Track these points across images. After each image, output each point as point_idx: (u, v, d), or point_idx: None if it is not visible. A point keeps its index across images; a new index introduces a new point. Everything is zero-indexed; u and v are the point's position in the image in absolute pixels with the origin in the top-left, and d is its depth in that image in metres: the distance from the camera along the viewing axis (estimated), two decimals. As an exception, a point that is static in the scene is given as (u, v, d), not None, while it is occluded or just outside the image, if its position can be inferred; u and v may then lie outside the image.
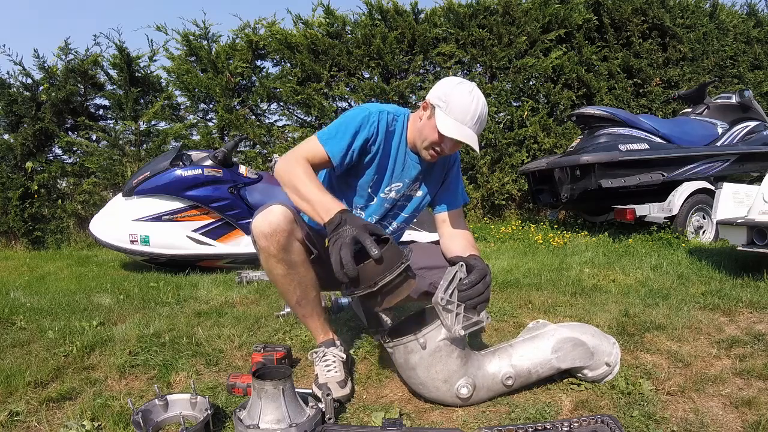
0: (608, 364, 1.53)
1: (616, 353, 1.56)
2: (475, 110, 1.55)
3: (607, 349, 1.54)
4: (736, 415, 1.37)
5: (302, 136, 5.59)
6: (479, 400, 1.48)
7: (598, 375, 1.53)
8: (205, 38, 5.69)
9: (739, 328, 2.00)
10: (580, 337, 1.52)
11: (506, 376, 1.47)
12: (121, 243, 3.50)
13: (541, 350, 1.50)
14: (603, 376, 1.54)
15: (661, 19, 6.31)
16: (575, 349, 1.51)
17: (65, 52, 5.43)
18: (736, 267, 2.89)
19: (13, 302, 2.69)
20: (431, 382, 1.44)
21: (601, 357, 1.52)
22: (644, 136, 4.30)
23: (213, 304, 2.59)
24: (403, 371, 1.50)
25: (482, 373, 1.47)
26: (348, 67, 5.64)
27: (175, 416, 1.42)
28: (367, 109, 1.60)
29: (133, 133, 5.57)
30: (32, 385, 1.65)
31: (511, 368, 1.48)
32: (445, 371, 1.42)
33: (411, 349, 1.43)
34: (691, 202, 4.18)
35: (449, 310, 1.39)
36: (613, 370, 1.55)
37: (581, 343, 1.51)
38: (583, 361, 1.51)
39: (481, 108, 1.56)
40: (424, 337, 1.41)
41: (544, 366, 1.50)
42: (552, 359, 1.49)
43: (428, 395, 1.47)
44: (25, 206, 5.33)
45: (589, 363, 1.52)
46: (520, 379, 1.49)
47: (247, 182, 3.65)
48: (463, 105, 1.53)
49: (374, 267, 1.27)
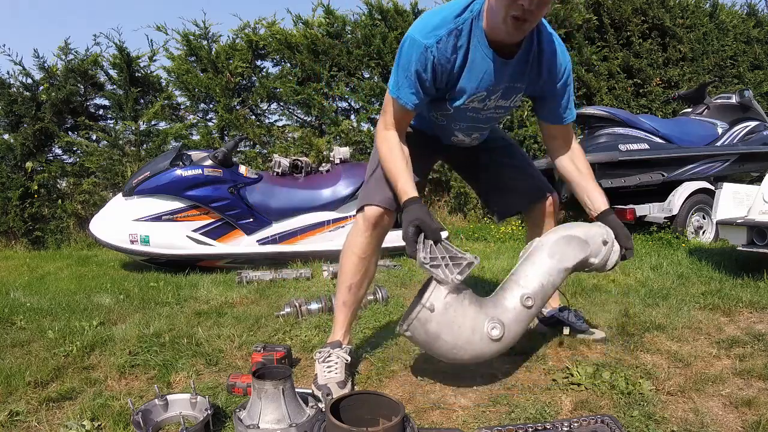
0: (605, 241, 1.57)
1: (606, 231, 1.61)
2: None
3: (595, 230, 1.59)
4: (736, 415, 1.37)
5: (302, 136, 5.59)
6: (515, 336, 1.49)
7: (603, 257, 1.57)
8: (205, 38, 5.68)
9: (739, 328, 2.00)
10: (568, 233, 1.58)
11: (525, 297, 1.49)
12: (121, 243, 3.50)
13: (540, 262, 1.54)
14: (607, 255, 1.58)
15: (661, 19, 6.31)
16: (569, 244, 1.55)
17: (65, 52, 5.43)
18: (736, 267, 2.89)
19: (13, 302, 2.69)
20: (461, 340, 1.43)
21: (596, 239, 1.57)
22: (644, 136, 4.30)
23: (213, 304, 2.59)
24: (432, 347, 1.48)
25: (501, 309, 1.48)
26: (348, 67, 5.64)
27: (175, 416, 1.42)
28: (422, 43, 1.44)
29: (133, 133, 5.57)
30: (32, 385, 1.65)
31: (524, 290, 1.50)
32: (467, 321, 1.42)
33: (425, 319, 1.43)
34: (691, 202, 4.18)
35: (437, 265, 1.40)
36: (613, 247, 1.58)
37: (571, 237, 1.56)
38: (582, 251, 1.55)
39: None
40: (429, 302, 1.42)
41: (552, 274, 1.53)
42: (554, 264, 1.53)
43: (467, 356, 1.45)
44: (25, 206, 5.32)
45: (588, 250, 1.56)
46: (539, 296, 1.52)
47: (247, 182, 3.65)
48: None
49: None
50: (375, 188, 1.64)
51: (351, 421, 1.12)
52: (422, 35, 1.44)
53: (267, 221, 3.65)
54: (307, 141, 5.51)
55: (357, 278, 1.67)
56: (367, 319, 2.21)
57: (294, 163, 3.98)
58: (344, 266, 1.68)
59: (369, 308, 2.37)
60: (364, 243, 1.64)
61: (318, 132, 5.80)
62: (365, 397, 1.23)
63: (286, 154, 5.19)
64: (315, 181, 3.84)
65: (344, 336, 1.70)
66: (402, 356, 1.81)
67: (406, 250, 1.44)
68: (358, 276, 1.67)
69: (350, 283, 1.67)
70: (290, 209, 3.68)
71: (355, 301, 1.71)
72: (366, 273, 1.68)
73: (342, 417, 1.15)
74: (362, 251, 1.65)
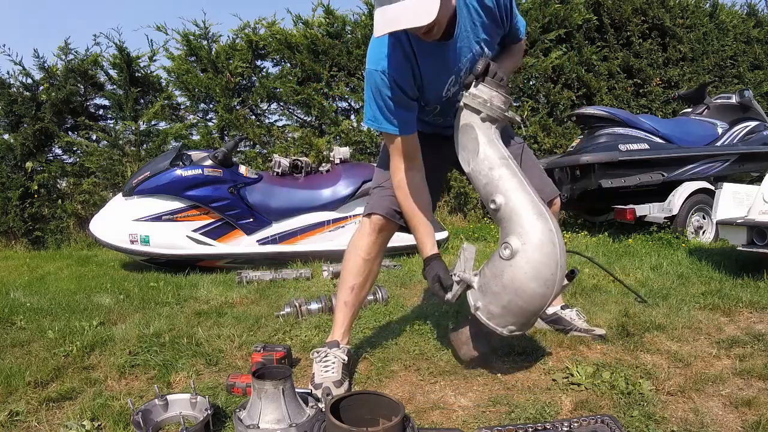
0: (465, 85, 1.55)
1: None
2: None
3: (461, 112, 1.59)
4: (736, 415, 1.37)
5: (302, 136, 5.59)
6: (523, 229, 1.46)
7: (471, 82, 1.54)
8: (205, 38, 5.68)
9: (739, 328, 2.00)
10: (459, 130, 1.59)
11: (490, 202, 1.52)
12: (121, 243, 3.50)
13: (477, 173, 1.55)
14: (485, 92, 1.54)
15: (661, 19, 6.31)
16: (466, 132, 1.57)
17: (65, 52, 5.43)
18: (736, 267, 2.89)
19: (13, 302, 2.69)
20: (515, 283, 1.45)
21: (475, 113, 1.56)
22: (644, 136, 4.29)
23: (213, 304, 2.59)
24: (516, 313, 1.49)
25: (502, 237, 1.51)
26: (348, 67, 5.64)
27: (175, 416, 1.42)
28: (376, 71, 1.49)
29: (133, 133, 5.57)
30: (32, 385, 1.65)
31: (487, 204, 1.54)
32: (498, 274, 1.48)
33: (485, 312, 1.51)
34: (691, 202, 4.18)
35: (458, 288, 1.55)
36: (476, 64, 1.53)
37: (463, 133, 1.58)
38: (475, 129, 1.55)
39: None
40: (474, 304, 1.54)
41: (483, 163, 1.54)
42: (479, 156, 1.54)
43: (537, 287, 1.43)
44: (25, 206, 5.32)
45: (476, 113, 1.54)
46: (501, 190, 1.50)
47: (247, 182, 3.65)
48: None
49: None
50: (383, 199, 1.69)
51: (351, 421, 1.11)
52: (374, 64, 1.51)
53: (267, 221, 3.65)
54: (307, 141, 5.51)
55: (360, 279, 1.68)
56: (367, 319, 2.21)
57: (294, 163, 3.98)
58: (348, 267, 1.69)
59: (369, 308, 2.37)
60: (369, 245, 1.68)
61: (318, 132, 5.80)
62: (365, 397, 1.23)
63: (286, 154, 5.19)
64: (315, 181, 3.84)
65: (343, 336, 1.70)
66: (402, 356, 1.81)
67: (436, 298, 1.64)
68: (361, 277, 1.68)
69: (353, 283, 1.68)
70: (290, 209, 3.68)
71: (357, 302, 1.72)
72: (369, 274, 1.70)
73: (342, 417, 1.15)
74: (367, 253, 1.68)
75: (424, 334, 2.00)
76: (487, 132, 1.55)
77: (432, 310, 2.32)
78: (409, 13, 1.27)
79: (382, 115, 1.53)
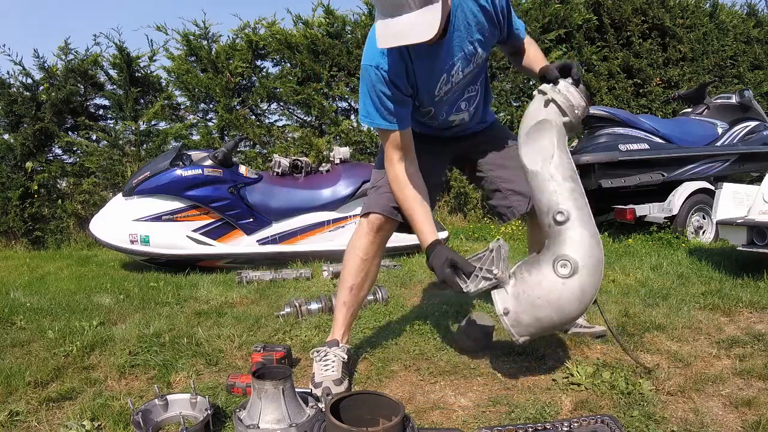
0: (548, 100, 1.51)
1: (543, 87, 1.54)
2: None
3: (536, 103, 1.53)
4: (736, 415, 1.37)
5: (302, 136, 5.59)
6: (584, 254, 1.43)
7: (566, 103, 1.49)
8: (205, 38, 5.68)
9: (739, 328, 2.00)
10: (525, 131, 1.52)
11: (556, 214, 1.44)
12: (121, 243, 3.50)
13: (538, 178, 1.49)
14: (566, 100, 1.49)
15: (661, 19, 6.31)
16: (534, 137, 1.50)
17: (65, 52, 5.43)
18: (736, 267, 2.89)
19: (13, 302, 2.69)
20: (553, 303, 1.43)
21: (539, 109, 1.52)
22: (644, 136, 4.29)
23: (213, 304, 2.59)
24: (545, 328, 1.49)
25: (553, 249, 1.45)
26: (348, 67, 5.64)
27: (175, 416, 1.42)
28: (371, 67, 1.50)
29: (133, 133, 5.57)
30: (32, 385, 1.65)
31: (549, 213, 1.45)
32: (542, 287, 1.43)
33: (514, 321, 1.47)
34: (691, 202, 4.18)
35: (480, 281, 1.47)
36: (566, 90, 1.49)
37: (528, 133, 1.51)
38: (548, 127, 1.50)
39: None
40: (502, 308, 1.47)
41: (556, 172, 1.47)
42: (543, 168, 1.48)
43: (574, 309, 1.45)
44: (25, 206, 5.32)
45: (552, 121, 1.50)
46: (565, 204, 1.45)
47: (247, 182, 3.65)
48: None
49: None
50: (380, 197, 1.68)
51: (351, 421, 1.11)
52: (369, 59, 1.51)
53: (267, 221, 3.65)
54: (307, 141, 5.51)
55: (359, 279, 1.68)
56: (367, 319, 2.21)
57: (294, 163, 3.98)
58: (347, 267, 1.70)
59: (369, 308, 2.37)
60: (367, 245, 1.68)
61: (318, 132, 5.80)
62: (365, 397, 1.23)
63: (286, 154, 5.19)
64: (315, 181, 3.84)
65: (343, 336, 1.70)
66: (402, 356, 1.81)
67: (449, 290, 1.52)
68: (360, 277, 1.68)
69: (352, 283, 1.68)
70: (290, 209, 3.68)
71: (356, 302, 1.72)
72: (368, 274, 1.70)
73: (342, 417, 1.15)
74: (365, 253, 1.67)
75: (424, 334, 2.00)
76: (563, 138, 1.52)
77: (432, 310, 2.32)
78: (413, 28, 1.30)
79: (377, 111, 1.53)
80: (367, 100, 1.54)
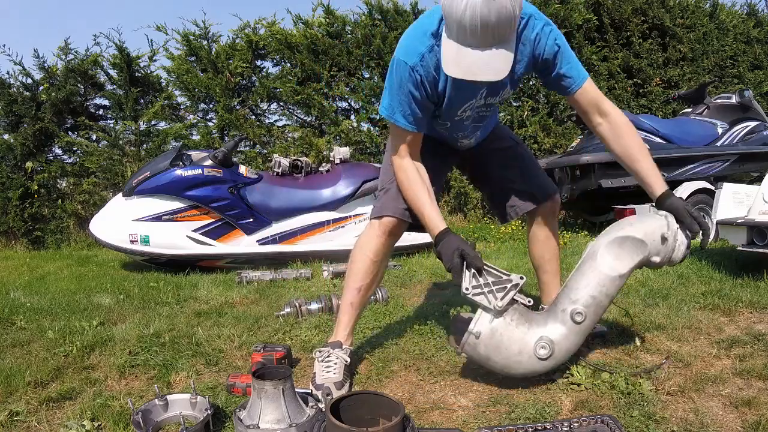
0: (664, 237, 1.41)
1: (667, 222, 1.44)
2: (473, 19, 1.23)
3: (654, 225, 1.43)
4: (736, 415, 1.37)
5: (302, 136, 5.59)
6: (567, 352, 1.46)
7: (665, 254, 1.43)
8: (205, 38, 5.69)
9: (739, 328, 2.00)
10: (620, 234, 1.42)
11: (575, 313, 1.41)
12: (121, 243, 3.50)
13: (591, 272, 1.42)
14: (670, 251, 1.42)
15: (661, 19, 6.31)
16: (622, 247, 1.41)
17: (65, 52, 5.44)
18: (736, 267, 2.89)
19: (13, 302, 2.69)
20: (510, 360, 1.44)
21: (654, 236, 1.41)
22: (644, 136, 4.29)
23: (213, 304, 2.59)
24: (485, 364, 1.51)
25: (550, 327, 1.44)
26: (348, 67, 5.64)
27: (175, 416, 1.42)
28: (407, 64, 1.47)
29: (133, 133, 5.57)
30: (32, 385, 1.65)
31: (574, 304, 1.42)
32: (513, 344, 1.42)
33: (473, 344, 1.44)
34: (691, 202, 4.18)
35: (480, 293, 1.41)
36: (677, 240, 1.41)
37: (624, 239, 1.41)
38: (639, 253, 1.42)
39: (481, 10, 1.21)
40: (475, 328, 1.42)
41: (604, 284, 1.41)
42: (606, 272, 1.41)
43: (518, 373, 1.48)
44: (25, 206, 5.33)
45: (646, 250, 1.42)
46: (591, 310, 1.42)
47: (247, 182, 3.65)
48: (456, 16, 1.25)
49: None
50: (392, 199, 1.67)
51: (351, 421, 1.11)
52: (406, 56, 1.47)
53: (267, 221, 3.65)
54: (307, 141, 5.51)
55: (367, 280, 1.68)
56: (367, 319, 2.21)
57: (294, 163, 3.98)
58: (356, 268, 1.69)
59: (369, 308, 2.36)
60: (378, 247, 1.67)
61: (318, 132, 5.80)
62: (365, 397, 1.23)
63: (286, 154, 5.19)
64: (315, 181, 3.84)
65: (347, 337, 1.70)
66: (402, 356, 1.81)
67: (453, 280, 1.47)
68: (368, 278, 1.68)
69: (360, 284, 1.68)
70: (290, 209, 3.68)
71: (362, 303, 1.72)
72: (376, 276, 1.70)
73: (342, 417, 1.15)
74: (375, 254, 1.67)
75: (424, 334, 2.00)
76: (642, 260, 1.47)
77: (432, 310, 2.32)
78: (487, 67, 1.29)
79: (400, 109, 1.52)
80: (394, 95, 1.52)
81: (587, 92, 1.57)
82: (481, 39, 1.27)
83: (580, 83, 1.56)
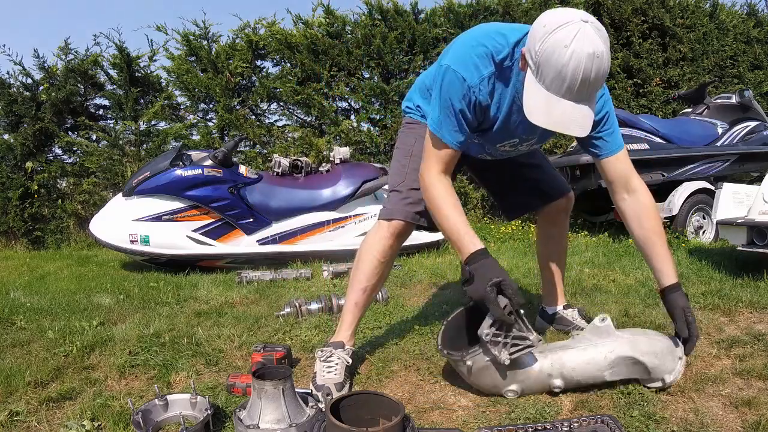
0: (664, 381, 1.47)
1: (678, 370, 1.48)
2: (575, 73, 1.18)
3: (668, 367, 1.47)
4: (736, 415, 1.37)
5: (302, 136, 5.59)
6: (532, 393, 1.51)
7: (651, 386, 1.50)
8: (205, 38, 5.68)
9: (739, 328, 2.00)
10: (641, 359, 1.44)
11: (555, 386, 1.47)
12: (121, 243, 3.50)
13: (595, 365, 1.46)
14: (655, 387, 1.49)
15: (661, 19, 6.31)
16: (631, 367, 1.46)
17: (65, 52, 5.43)
18: (736, 267, 2.89)
19: (13, 302, 2.69)
20: (481, 386, 1.50)
21: (659, 375, 1.47)
22: (644, 136, 4.29)
23: (213, 304, 2.59)
24: (460, 373, 1.54)
25: (532, 379, 1.47)
26: (348, 67, 5.64)
27: (175, 416, 1.42)
28: (464, 80, 1.39)
29: (133, 133, 5.57)
30: (32, 385, 1.65)
31: (560, 380, 1.47)
32: (493, 382, 1.46)
33: (466, 369, 1.47)
34: (691, 202, 4.18)
35: (496, 342, 1.39)
36: (666, 383, 1.47)
37: (639, 363, 1.45)
38: (641, 374, 1.48)
39: (585, 65, 1.17)
40: (471, 359, 1.44)
41: (595, 379, 1.48)
42: (605, 375, 1.47)
43: (483, 392, 1.52)
44: (25, 206, 5.32)
45: (645, 378, 1.49)
46: (569, 387, 1.49)
47: (247, 182, 3.65)
48: (557, 66, 1.19)
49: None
50: (403, 203, 1.66)
51: (351, 421, 1.12)
52: (464, 70, 1.39)
53: (267, 221, 3.65)
54: (307, 141, 5.51)
55: (374, 281, 1.68)
56: (367, 319, 2.21)
57: (294, 163, 3.98)
58: (362, 268, 1.68)
59: (369, 308, 2.36)
60: (386, 248, 1.67)
61: (318, 132, 5.80)
62: (365, 397, 1.24)
63: (286, 154, 5.19)
64: (315, 181, 3.84)
65: (349, 338, 1.69)
66: (402, 356, 1.81)
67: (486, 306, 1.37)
68: (375, 279, 1.68)
69: (366, 285, 1.68)
70: (290, 209, 3.68)
71: (367, 304, 1.72)
72: (381, 277, 1.70)
73: (342, 417, 1.15)
74: (383, 255, 1.67)
75: (424, 334, 2.00)
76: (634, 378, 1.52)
77: (432, 310, 2.32)
78: (574, 122, 1.25)
79: (449, 124, 1.44)
80: (444, 109, 1.43)
81: (619, 162, 1.55)
82: (577, 93, 1.22)
83: (615, 151, 1.54)
